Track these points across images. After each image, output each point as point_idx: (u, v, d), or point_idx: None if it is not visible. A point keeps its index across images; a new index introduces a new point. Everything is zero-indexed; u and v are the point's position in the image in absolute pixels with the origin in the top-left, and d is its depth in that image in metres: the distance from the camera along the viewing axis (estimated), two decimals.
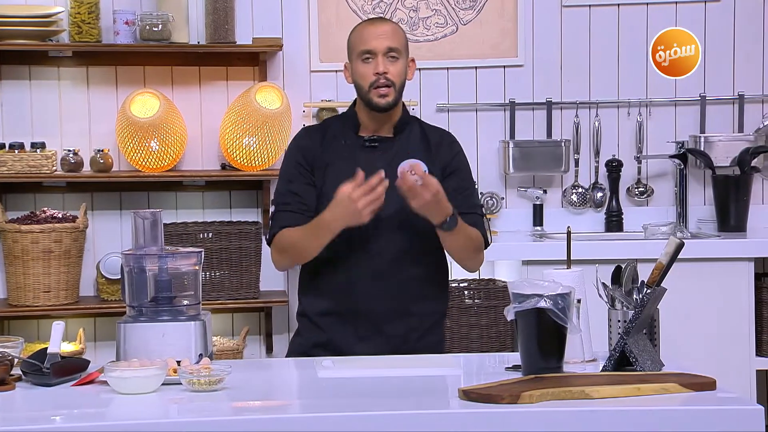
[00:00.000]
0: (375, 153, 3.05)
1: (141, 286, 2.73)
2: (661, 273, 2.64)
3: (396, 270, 3.01)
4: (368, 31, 3.05)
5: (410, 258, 3.02)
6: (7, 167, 4.34)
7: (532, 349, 2.55)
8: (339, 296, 3.02)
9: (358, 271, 3.01)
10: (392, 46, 3.03)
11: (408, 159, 3.00)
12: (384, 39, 3.03)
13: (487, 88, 4.75)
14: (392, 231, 3.01)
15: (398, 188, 2.89)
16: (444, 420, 2.29)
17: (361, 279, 3.01)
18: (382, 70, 3.00)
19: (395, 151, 3.05)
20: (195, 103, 4.60)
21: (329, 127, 3.14)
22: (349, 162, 3.03)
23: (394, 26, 3.09)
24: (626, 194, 4.82)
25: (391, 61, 3.02)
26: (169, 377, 2.51)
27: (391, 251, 3.01)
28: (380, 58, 3.01)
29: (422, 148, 3.08)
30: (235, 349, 4.38)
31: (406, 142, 3.08)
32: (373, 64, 3.01)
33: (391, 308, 3.01)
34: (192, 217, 4.61)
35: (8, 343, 2.69)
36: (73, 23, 4.41)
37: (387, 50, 3.02)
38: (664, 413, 2.31)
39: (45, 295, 4.33)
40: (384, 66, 3.01)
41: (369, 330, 2.99)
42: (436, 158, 3.07)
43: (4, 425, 2.27)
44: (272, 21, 4.63)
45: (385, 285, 3.00)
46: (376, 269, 3.01)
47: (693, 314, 4.29)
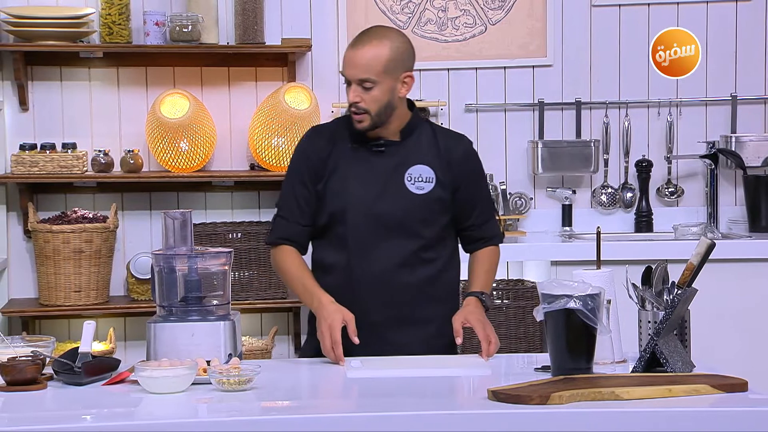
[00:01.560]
0: (382, 157, 3.02)
1: (171, 286, 2.75)
2: (692, 273, 2.63)
3: (397, 277, 2.97)
4: (348, 55, 2.97)
5: (413, 264, 2.98)
6: (38, 168, 4.37)
7: (561, 349, 2.54)
8: (342, 303, 2.96)
9: (360, 277, 2.98)
10: (363, 77, 2.92)
11: (416, 165, 2.99)
12: (357, 69, 2.93)
13: (516, 88, 4.74)
14: (394, 237, 2.97)
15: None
16: (473, 420, 2.29)
17: (362, 286, 2.98)
18: (352, 100, 2.96)
19: (402, 155, 3.02)
20: (224, 103, 4.62)
21: (338, 128, 3.09)
22: (356, 166, 3.01)
23: (375, 52, 2.93)
24: (656, 194, 4.80)
25: (364, 90, 2.94)
26: (199, 377, 2.52)
27: (392, 258, 2.97)
28: (353, 87, 2.95)
29: (432, 153, 3.03)
30: (264, 349, 4.39)
31: (415, 147, 3.03)
32: (349, 90, 2.97)
33: (392, 316, 2.97)
34: (221, 217, 4.62)
35: (40, 343, 2.71)
36: (103, 24, 4.44)
37: (359, 81, 2.94)
38: (695, 414, 2.29)
39: (76, 295, 4.36)
40: (355, 95, 2.95)
41: (371, 338, 2.92)
42: (447, 165, 3.02)
43: (36, 424, 2.29)
44: (301, 21, 4.64)
45: (385, 292, 2.96)
46: (376, 276, 2.97)
47: (724, 315, 4.26)
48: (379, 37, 2.97)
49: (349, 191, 2.99)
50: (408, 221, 2.98)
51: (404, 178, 3.00)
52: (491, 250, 3.12)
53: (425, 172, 3.01)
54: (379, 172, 2.99)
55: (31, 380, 2.52)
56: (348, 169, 3.01)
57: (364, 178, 3.00)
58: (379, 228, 2.97)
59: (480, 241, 3.11)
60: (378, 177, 2.98)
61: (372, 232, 2.96)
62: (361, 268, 2.98)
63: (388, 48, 2.95)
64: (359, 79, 2.94)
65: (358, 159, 3.02)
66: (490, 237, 3.12)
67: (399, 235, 2.98)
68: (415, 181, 3.00)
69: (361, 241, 2.97)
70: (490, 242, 3.12)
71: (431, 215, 3.00)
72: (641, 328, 2.71)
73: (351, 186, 2.99)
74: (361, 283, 2.98)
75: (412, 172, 3.01)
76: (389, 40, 2.97)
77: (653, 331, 2.60)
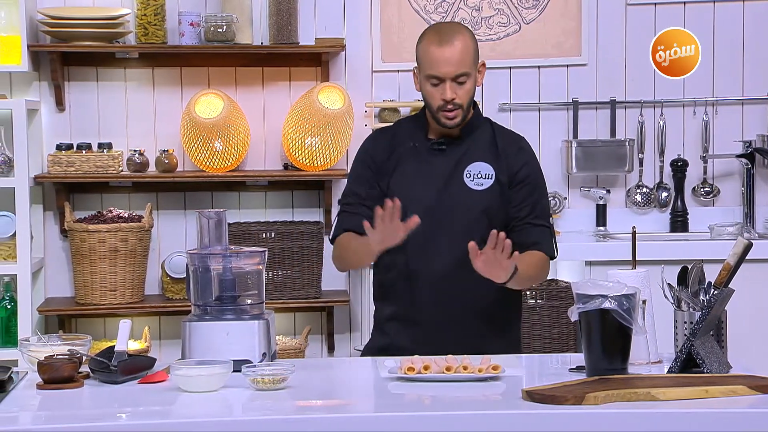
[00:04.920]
0: (442, 156, 3.04)
1: (205, 285, 2.76)
2: (728, 274, 2.60)
3: (456, 275, 2.96)
4: (436, 54, 2.94)
5: (470, 263, 2.94)
6: (74, 168, 4.41)
7: (596, 350, 2.53)
8: (400, 302, 3.01)
9: (417, 275, 2.99)
10: (460, 72, 2.94)
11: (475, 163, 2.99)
12: (452, 66, 2.93)
13: (550, 88, 4.72)
14: (453, 235, 2.97)
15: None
16: (507, 421, 2.28)
17: (420, 283, 2.99)
18: (449, 97, 2.95)
19: (462, 153, 3.03)
20: (258, 103, 4.64)
21: (400, 129, 3.12)
22: (417, 164, 3.03)
23: (463, 45, 2.95)
24: (692, 194, 4.76)
25: (459, 85, 2.95)
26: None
27: (452, 256, 2.97)
28: (448, 85, 2.95)
29: (491, 153, 3.04)
30: (297, 349, 4.40)
31: (475, 145, 3.04)
32: (440, 88, 2.95)
33: (450, 314, 2.98)
34: (255, 217, 4.64)
35: (76, 341, 2.73)
36: (139, 25, 4.46)
37: (455, 76, 2.94)
38: (732, 415, 2.27)
39: (111, 294, 4.39)
40: (452, 93, 2.95)
41: (428, 336, 2.95)
42: (504, 164, 3.02)
43: (72, 422, 2.31)
44: (335, 21, 4.64)
45: (444, 291, 2.96)
46: (435, 274, 2.98)
47: (761, 315, 4.22)
48: (460, 31, 3.00)
49: (409, 189, 3.00)
50: (467, 218, 2.98)
51: (463, 175, 3.00)
52: (536, 254, 3.00)
53: (484, 169, 3.02)
54: (439, 170, 2.99)
55: (68, 378, 2.54)
56: (409, 167, 3.03)
57: (425, 176, 3.01)
58: (438, 225, 2.97)
59: (522, 246, 2.94)
60: (438, 174, 2.99)
61: (431, 230, 2.96)
62: (420, 265, 2.98)
63: (471, 40, 3.00)
64: (457, 74, 2.95)
65: (418, 158, 3.04)
66: (533, 242, 3.00)
67: (458, 232, 2.97)
68: (474, 177, 3.01)
69: (420, 239, 2.96)
70: (534, 247, 3.00)
71: (490, 211, 2.99)
72: (677, 328, 2.69)
73: (411, 184, 2.99)
74: (419, 280, 2.99)
75: (471, 169, 3.01)
76: (467, 32, 3.02)
77: (689, 332, 2.58)
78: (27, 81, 4.53)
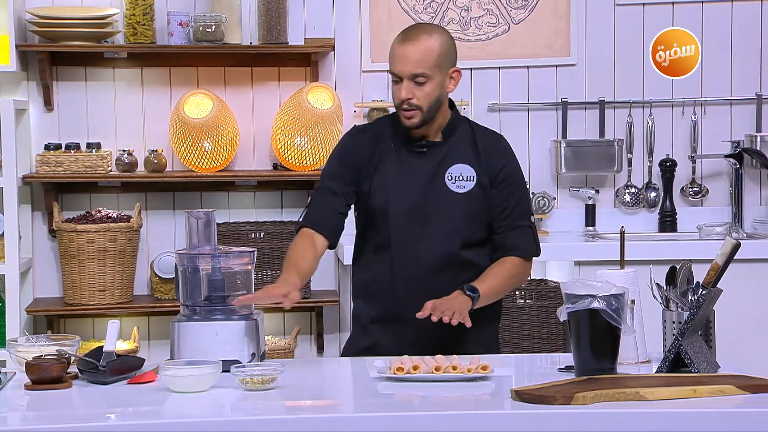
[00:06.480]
0: (423, 157, 3.02)
1: (194, 286, 2.76)
2: (717, 274, 2.61)
3: (436, 276, 2.96)
4: (397, 51, 2.92)
5: (453, 264, 2.97)
6: (63, 167, 4.40)
7: (585, 350, 2.53)
8: (382, 302, 3.00)
9: (400, 277, 2.98)
10: (417, 71, 2.89)
11: (456, 165, 2.98)
12: (409, 64, 2.89)
13: (539, 88, 4.72)
14: (436, 237, 2.97)
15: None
16: (497, 420, 2.28)
17: (403, 284, 2.98)
18: (404, 97, 2.92)
19: (443, 155, 3.02)
20: (247, 103, 4.63)
21: (380, 128, 3.10)
22: (398, 165, 3.01)
23: (427, 46, 2.90)
24: (680, 194, 4.77)
25: (416, 86, 2.91)
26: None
27: (434, 257, 2.97)
28: (405, 84, 2.91)
29: (472, 153, 3.02)
30: (287, 349, 4.40)
31: (455, 146, 3.02)
32: (399, 87, 2.93)
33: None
34: (244, 217, 4.63)
35: (65, 342, 2.73)
36: (128, 25, 4.46)
37: (412, 76, 2.91)
38: (721, 415, 2.28)
39: (100, 294, 4.38)
40: (407, 92, 2.91)
41: (411, 336, 2.94)
42: (484, 164, 3.01)
43: (61, 422, 2.31)
44: (324, 21, 4.64)
45: (425, 291, 2.93)
46: (416, 275, 2.97)
47: (749, 315, 4.23)
48: (428, 32, 2.94)
49: (390, 191, 2.99)
50: (449, 220, 2.97)
51: (445, 177, 2.99)
52: (512, 260, 3.00)
53: (465, 171, 3.00)
54: (421, 172, 2.98)
55: (56, 379, 2.54)
56: (390, 169, 3.01)
57: (406, 179, 3.00)
58: (421, 227, 2.97)
59: (502, 250, 3.00)
60: (419, 177, 2.98)
61: (413, 232, 2.96)
62: (403, 266, 2.98)
63: (438, 42, 2.93)
64: (412, 74, 2.91)
65: (400, 159, 3.02)
66: (513, 247, 3.00)
67: (441, 233, 2.97)
68: (456, 180, 3.00)
69: (402, 241, 2.97)
70: (513, 252, 3.00)
71: (472, 214, 2.99)
72: (665, 328, 2.70)
73: (393, 186, 2.99)
74: (402, 281, 2.98)
75: (453, 171, 3.00)
76: (438, 35, 2.95)
77: (678, 332, 2.59)
78: (15, 81, 4.52)
